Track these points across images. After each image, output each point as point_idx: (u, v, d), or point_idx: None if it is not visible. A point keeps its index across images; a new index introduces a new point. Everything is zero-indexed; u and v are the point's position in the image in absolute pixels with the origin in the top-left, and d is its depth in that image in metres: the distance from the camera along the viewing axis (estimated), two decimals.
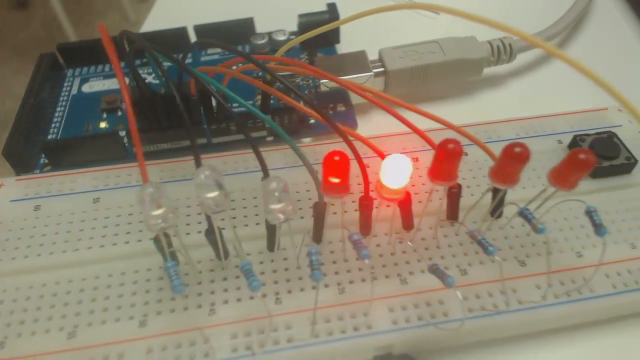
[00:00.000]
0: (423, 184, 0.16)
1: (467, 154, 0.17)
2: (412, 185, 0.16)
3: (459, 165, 0.12)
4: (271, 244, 0.14)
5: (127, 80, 0.18)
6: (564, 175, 0.12)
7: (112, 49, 0.12)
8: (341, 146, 0.13)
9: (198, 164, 0.11)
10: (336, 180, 0.11)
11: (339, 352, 0.12)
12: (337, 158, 0.11)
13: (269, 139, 0.19)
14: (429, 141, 0.14)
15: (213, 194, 0.11)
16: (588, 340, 0.14)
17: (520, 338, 0.14)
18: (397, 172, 0.11)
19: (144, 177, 0.11)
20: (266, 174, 0.12)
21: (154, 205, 0.10)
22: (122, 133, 0.19)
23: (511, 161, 0.11)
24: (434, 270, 0.12)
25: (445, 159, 0.11)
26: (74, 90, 0.21)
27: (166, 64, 0.21)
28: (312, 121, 0.19)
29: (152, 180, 0.11)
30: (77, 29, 0.91)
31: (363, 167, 0.13)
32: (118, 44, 0.16)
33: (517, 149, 0.11)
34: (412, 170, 0.11)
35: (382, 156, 0.13)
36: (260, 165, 0.12)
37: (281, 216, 0.11)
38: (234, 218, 0.15)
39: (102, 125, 0.20)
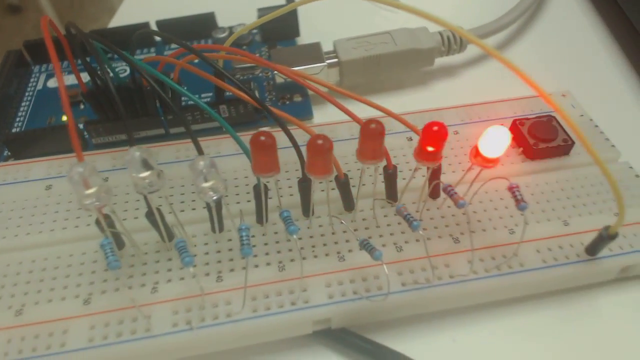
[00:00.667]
0: (368, 167, 0.16)
1: (411, 139, 0.17)
2: (358, 170, 0.16)
3: (382, 144, 0.12)
4: (212, 225, 0.14)
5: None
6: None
7: (50, 42, 0.13)
8: (296, 133, 0.13)
9: (131, 145, 0.12)
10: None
11: (276, 325, 0.13)
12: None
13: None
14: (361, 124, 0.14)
15: (145, 174, 0.11)
16: (521, 315, 0.14)
17: (457, 312, 0.14)
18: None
19: (78, 156, 0.11)
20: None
21: (84, 184, 0.11)
22: (82, 125, 0.19)
23: (430, 139, 0.12)
24: (364, 245, 0.13)
25: (369, 139, 0.12)
26: (40, 86, 0.22)
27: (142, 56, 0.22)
28: None
29: (87, 161, 0.11)
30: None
31: (299, 152, 0.14)
32: (71, 39, 0.16)
33: (435, 128, 0.12)
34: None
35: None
36: (196, 147, 0.13)
37: (212, 194, 0.12)
38: (183, 202, 0.16)
39: (64, 118, 0.20)
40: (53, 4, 0.88)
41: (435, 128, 0.12)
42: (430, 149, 0.12)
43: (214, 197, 0.12)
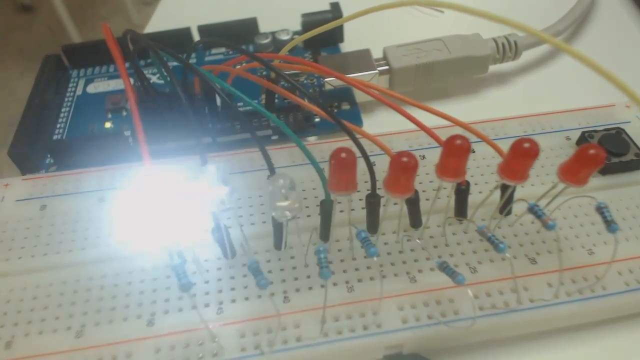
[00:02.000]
0: (431, 182, 0.16)
1: (474, 151, 0.17)
2: (420, 183, 0.16)
3: (466, 162, 0.12)
4: (278, 242, 0.14)
5: (131, 80, 0.18)
6: (574, 171, 0.12)
7: (115, 48, 0.12)
8: (347, 144, 0.13)
9: (204, 162, 0.11)
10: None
11: (348, 351, 0.12)
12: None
13: (274, 137, 0.19)
14: (436, 138, 0.13)
15: (218, 191, 0.11)
16: (600, 339, 0.14)
17: (532, 337, 0.14)
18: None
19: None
20: (272, 172, 0.12)
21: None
22: (127, 133, 0.19)
23: (520, 157, 0.11)
24: (444, 268, 0.12)
25: (453, 155, 0.11)
26: (79, 91, 0.21)
27: (170, 64, 0.21)
28: (317, 119, 0.19)
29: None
30: (81, 32, 0.91)
31: (370, 165, 0.13)
32: (121, 45, 0.16)
33: (526, 145, 0.11)
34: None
35: (390, 153, 0.13)
36: (266, 162, 0.12)
37: (288, 214, 0.11)
38: (241, 216, 0.15)
39: (107, 125, 0.20)
40: (65, 4, 0.88)
41: (527, 145, 0.11)
42: (519, 167, 0.11)
43: (289, 217, 0.11)
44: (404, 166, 0.11)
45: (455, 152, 0.11)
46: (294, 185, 0.11)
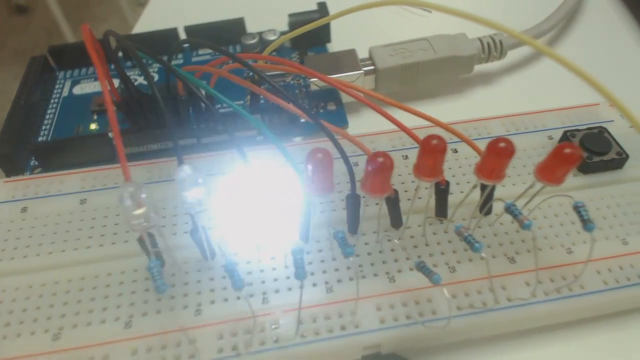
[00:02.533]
0: (412, 182, 0.16)
1: (456, 151, 0.17)
2: (402, 183, 0.16)
3: (443, 161, 0.12)
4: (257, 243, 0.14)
5: (117, 81, 0.18)
6: (550, 170, 0.12)
7: (93, 51, 0.12)
8: (330, 145, 0.13)
9: (180, 162, 0.11)
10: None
11: (326, 351, 0.12)
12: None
13: (259, 138, 0.19)
14: (415, 138, 0.13)
15: (195, 192, 0.11)
16: (579, 338, 0.14)
17: (511, 336, 0.14)
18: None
19: (125, 175, 0.11)
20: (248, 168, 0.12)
21: (135, 204, 0.10)
22: (112, 134, 0.19)
23: (495, 157, 0.11)
24: (421, 267, 0.12)
25: (429, 155, 0.11)
26: (65, 92, 0.21)
27: (158, 65, 0.21)
28: (302, 120, 0.19)
29: (133, 179, 0.11)
30: (76, 33, 0.91)
31: (349, 165, 0.13)
32: (104, 46, 0.16)
33: (501, 144, 0.11)
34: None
35: (369, 153, 0.13)
36: (246, 163, 0.12)
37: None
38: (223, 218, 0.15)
39: (93, 126, 0.20)
40: (60, 5, 0.88)
41: (502, 145, 0.11)
42: (494, 166, 0.11)
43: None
44: (379, 166, 0.11)
45: (431, 152, 0.11)
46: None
